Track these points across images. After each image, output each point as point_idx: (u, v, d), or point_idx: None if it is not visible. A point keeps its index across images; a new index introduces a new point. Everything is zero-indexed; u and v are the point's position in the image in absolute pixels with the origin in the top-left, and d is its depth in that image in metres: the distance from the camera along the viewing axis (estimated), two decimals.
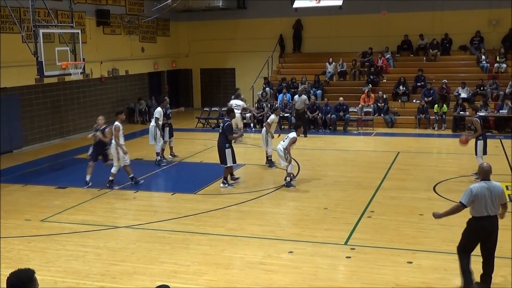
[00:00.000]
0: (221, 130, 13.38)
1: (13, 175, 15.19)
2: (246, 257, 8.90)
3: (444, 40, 24.95)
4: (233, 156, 13.18)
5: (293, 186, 13.05)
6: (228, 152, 13.07)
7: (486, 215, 7.16)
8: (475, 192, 7.13)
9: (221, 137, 13.27)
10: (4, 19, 17.86)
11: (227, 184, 13.21)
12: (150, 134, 16.03)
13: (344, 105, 21.67)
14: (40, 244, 9.73)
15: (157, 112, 16.06)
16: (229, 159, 13.09)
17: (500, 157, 16.12)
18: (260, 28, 27.07)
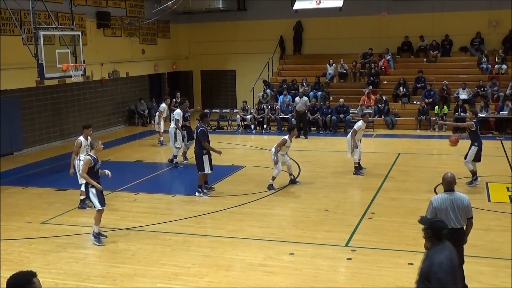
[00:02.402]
0: (195, 137, 12.93)
1: (14, 177, 15.20)
2: (247, 259, 8.90)
3: (445, 41, 24.95)
4: (210, 163, 12.60)
5: (274, 189, 12.84)
6: (206, 159, 12.51)
7: (448, 228, 6.70)
8: (435, 205, 6.91)
9: (196, 144, 12.74)
10: (5, 21, 17.87)
11: (202, 192, 12.63)
12: (170, 136, 15.87)
13: (345, 106, 21.67)
14: (41, 246, 9.73)
15: (176, 113, 15.79)
16: (207, 166, 12.53)
17: (501, 158, 16.12)
18: (260, 29, 27.08)
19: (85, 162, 9.79)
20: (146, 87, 26.25)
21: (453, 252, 5.15)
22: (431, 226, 5.21)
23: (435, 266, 4.89)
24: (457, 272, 5.07)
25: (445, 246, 5.13)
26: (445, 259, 4.93)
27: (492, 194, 12.32)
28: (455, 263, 5.04)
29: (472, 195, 11.60)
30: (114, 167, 16.35)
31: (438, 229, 5.17)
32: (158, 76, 27.53)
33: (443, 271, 4.85)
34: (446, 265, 4.89)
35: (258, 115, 22.68)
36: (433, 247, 5.13)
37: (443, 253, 5.00)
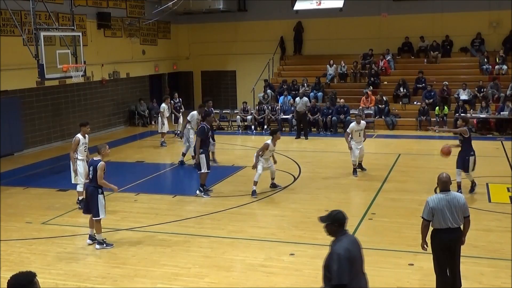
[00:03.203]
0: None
1: (14, 178, 15.20)
2: (247, 260, 8.90)
3: (445, 42, 24.96)
4: (207, 162, 12.52)
5: (255, 195, 12.40)
6: (202, 157, 12.44)
7: (445, 228, 6.88)
8: (431, 205, 6.90)
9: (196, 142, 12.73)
10: (5, 22, 17.88)
11: (203, 192, 12.60)
12: (184, 136, 15.94)
13: (345, 107, 21.67)
14: (41, 247, 9.74)
15: (192, 116, 15.59)
16: (203, 166, 12.49)
17: (501, 159, 16.12)
18: (260, 30, 27.09)
19: (101, 169, 9.57)
20: (146, 87, 26.26)
21: (353, 243, 5.25)
22: (335, 220, 5.26)
23: (333, 254, 5.04)
24: (357, 263, 5.14)
25: (346, 236, 5.24)
26: (343, 250, 5.04)
27: (492, 195, 12.31)
28: (354, 254, 5.12)
29: (472, 196, 11.65)
30: (115, 168, 16.42)
31: (342, 221, 5.25)
32: (159, 77, 27.54)
33: (338, 260, 4.97)
34: (343, 255, 4.99)
35: (258, 115, 22.68)
36: (336, 238, 5.22)
37: (343, 244, 5.11)
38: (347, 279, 4.95)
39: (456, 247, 7.04)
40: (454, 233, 6.95)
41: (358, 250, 5.25)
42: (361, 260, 5.27)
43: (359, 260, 5.23)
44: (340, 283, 4.92)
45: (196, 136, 12.68)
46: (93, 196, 9.56)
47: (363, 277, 5.27)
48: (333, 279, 4.96)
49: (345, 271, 4.95)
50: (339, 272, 4.94)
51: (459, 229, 7.00)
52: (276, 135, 12.77)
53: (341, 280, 4.92)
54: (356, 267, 5.11)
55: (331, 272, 4.99)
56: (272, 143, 12.54)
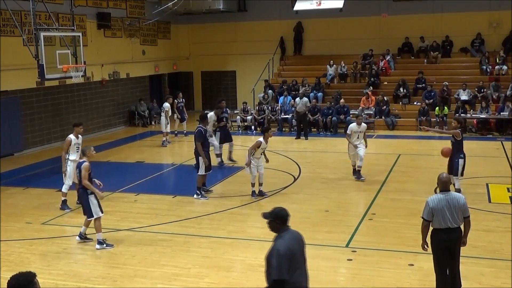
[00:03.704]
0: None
1: (14, 178, 15.20)
2: (247, 260, 8.90)
3: (445, 42, 24.96)
4: (206, 163, 12.45)
5: (255, 196, 12.34)
6: (201, 159, 12.38)
7: (445, 227, 6.89)
8: (431, 205, 6.91)
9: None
10: (5, 22, 17.89)
11: (200, 195, 12.53)
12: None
13: (345, 107, 21.67)
14: (41, 247, 9.73)
15: (210, 117, 15.22)
16: (202, 168, 12.43)
17: (501, 159, 16.13)
18: (260, 30, 27.09)
19: (85, 169, 9.47)
20: (146, 88, 26.26)
21: (295, 239, 5.34)
22: (278, 217, 5.37)
23: (273, 250, 5.15)
24: (297, 258, 5.22)
25: (288, 233, 5.35)
26: (282, 246, 5.14)
27: (492, 195, 12.31)
28: (294, 250, 5.21)
29: (472, 196, 11.63)
30: (115, 168, 16.48)
31: (284, 218, 5.37)
32: (159, 77, 27.54)
33: (277, 256, 5.07)
34: (282, 251, 5.09)
35: (258, 116, 22.68)
36: (278, 235, 5.33)
37: (283, 240, 5.22)
38: (286, 274, 5.07)
39: (456, 247, 7.04)
40: (454, 233, 6.96)
41: (299, 247, 5.36)
42: (302, 256, 5.39)
43: (300, 256, 5.32)
44: (280, 278, 5.04)
45: (195, 141, 12.63)
46: (83, 197, 9.58)
47: (304, 273, 5.38)
48: (273, 274, 5.08)
49: (284, 267, 5.07)
50: (278, 267, 5.06)
51: (459, 229, 7.01)
52: (268, 133, 12.51)
53: (280, 276, 5.04)
54: (296, 262, 5.21)
55: (271, 267, 5.11)
56: (264, 141, 12.30)
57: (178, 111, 20.63)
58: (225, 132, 16.05)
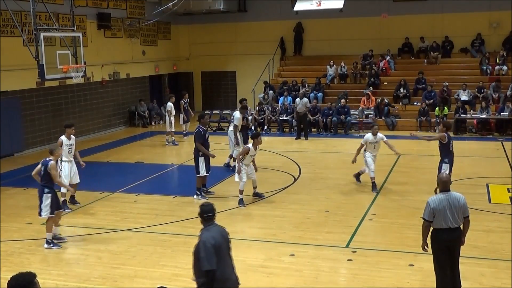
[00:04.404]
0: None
1: (14, 179, 15.19)
2: (247, 260, 8.89)
3: (445, 42, 24.96)
4: (206, 165, 12.42)
5: (244, 205, 11.88)
6: (201, 160, 12.33)
7: (446, 228, 6.90)
8: (433, 206, 6.92)
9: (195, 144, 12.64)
10: (5, 23, 17.89)
11: (200, 195, 12.48)
12: (229, 139, 15.32)
13: (346, 107, 21.66)
14: (41, 248, 9.73)
15: (236, 119, 15.15)
16: (202, 168, 12.37)
17: (501, 159, 16.13)
18: (261, 31, 27.09)
19: (53, 168, 9.76)
20: (146, 88, 26.26)
21: (220, 233, 5.68)
22: (202, 212, 5.72)
23: (200, 243, 5.45)
24: (222, 251, 5.52)
25: (214, 226, 5.71)
26: (207, 238, 5.46)
27: (492, 196, 12.31)
28: (219, 242, 5.52)
29: (472, 197, 11.62)
30: (115, 168, 16.48)
31: (208, 212, 5.70)
32: (159, 77, 27.53)
33: (204, 248, 5.37)
34: (208, 243, 5.40)
35: (258, 116, 22.68)
36: (204, 228, 5.67)
37: (209, 233, 5.56)
38: (215, 264, 5.36)
39: (456, 247, 7.05)
40: (454, 233, 6.97)
41: (224, 240, 5.67)
42: (227, 250, 5.68)
43: (225, 249, 5.63)
44: (210, 268, 5.33)
45: (195, 141, 12.61)
46: (39, 194, 9.82)
47: (230, 266, 5.66)
48: (203, 265, 5.34)
49: (212, 257, 5.37)
50: (207, 258, 5.34)
51: (459, 229, 7.02)
52: (257, 140, 12.13)
53: (210, 265, 5.33)
54: (222, 254, 5.51)
55: (199, 259, 5.38)
56: (253, 148, 12.00)
57: (184, 112, 20.61)
58: (247, 134, 15.75)
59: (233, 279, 5.68)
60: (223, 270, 5.48)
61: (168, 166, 16.61)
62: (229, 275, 5.59)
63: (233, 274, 5.69)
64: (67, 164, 11.90)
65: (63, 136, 12.02)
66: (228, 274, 5.56)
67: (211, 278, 5.36)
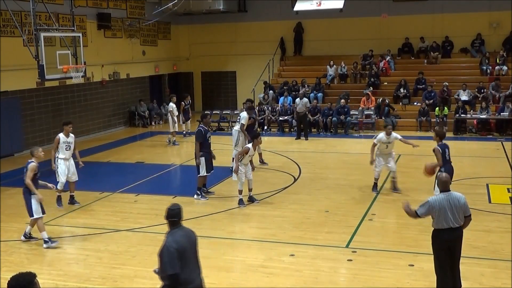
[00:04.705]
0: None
1: (14, 179, 15.12)
2: (247, 260, 8.90)
3: (445, 42, 24.97)
4: (207, 165, 12.38)
5: (244, 205, 11.83)
6: (202, 160, 12.33)
7: (447, 228, 6.91)
8: (433, 205, 6.93)
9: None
10: (5, 23, 17.89)
11: (201, 195, 12.48)
12: (233, 138, 15.29)
13: (346, 107, 21.66)
14: (41, 248, 9.73)
15: (243, 118, 15.02)
16: (202, 168, 12.36)
17: (501, 160, 16.13)
18: (261, 31, 27.09)
19: (31, 169, 9.71)
20: (146, 88, 26.26)
21: (186, 236, 5.71)
22: (168, 215, 5.81)
23: (163, 247, 5.51)
24: (187, 254, 5.56)
25: (180, 229, 5.74)
26: (171, 242, 5.52)
27: (492, 196, 12.32)
28: (184, 245, 5.56)
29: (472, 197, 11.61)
30: (115, 169, 16.49)
31: (173, 216, 5.80)
32: (159, 78, 27.54)
33: (168, 252, 5.45)
34: (172, 247, 5.46)
35: (258, 116, 22.64)
36: (169, 231, 5.72)
37: (173, 236, 5.61)
38: (178, 268, 5.42)
39: (457, 246, 7.06)
40: (455, 233, 6.99)
41: (190, 243, 5.71)
42: (193, 252, 5.73)
43: (190, 252, 5.66)
44: (173, 272, 5.41)
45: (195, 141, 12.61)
46: (25, 196, 9.79)
47: (196, 270, 5.73)
48: (166, 269, 5.43)
49: (175, 261, 5.43)
50: (170, 262, 5.42)
51: (460, 229, 7.03)
52: (257, 140, 12.15)
53: (173, 270, 5.41)
54: (186, 258, 5.55)
55: (163, 263, 5.46)
56: (253, 148, 11.94)
57: (184, 113, 20.62)
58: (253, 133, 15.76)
59: (198, 283, 5.76)
60: (188, 274, 5.56)
61: (168, 166, 16.60)
62: (194, 278, 5.66)
63: (199, 277, 5.77)
64: (63, 161, 12.03)
65: (61, 134, 12.14)
66: (193, 278, 5.64)
67: (174, 282, 5.45)
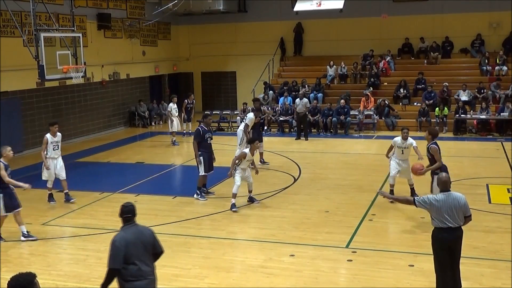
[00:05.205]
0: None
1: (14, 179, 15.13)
2: (247, 261, 8.90)
3: (445, 43, 24.97)
4: (206, 164, 12.36)
5: (236, 209, 11.55)
6: (200, 159, 12.32)
7: (447, 227, 6.91)
8: (432, 203, 6.95)
9: None
10: (5, 23, 17.89)
11: (200, 195, 12.47)
12: (238, 138, 15.19)
13: (346, 108, 21.67)
14: (41, 248, 9.74)
15: (248, 119, 15.06)
16: (201, 168, 12.36)
17: (501, 160, 16.13)
18: (261, 31, 27.10)
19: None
20: (146, 88, 26.26)
21: (138, 233, 5.87)
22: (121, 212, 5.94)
23: (112, 241, 5.73)
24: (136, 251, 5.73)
25: (132, 226, 5.90)
26: (118, 238, 5.73)
27: (492, 196, 12.32)
28: (133, 242, 5.73)
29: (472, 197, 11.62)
30: (115, 169, 16.49)
31: (126, 213, 5.92)
32: (159, 78, 27.54)
33: (113, 247, 5.67)
34: (118, 243, 5.67)
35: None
36: (122, 228, 5.90)
37: (123, 233, 5.81)
38: (119, 264, 5.62)
39: (457, 246, 7.06)
40: (455, 233, 6.99)
41: (142, 240, 5.85)
42: (146, 249, 5.86)
43: (141, 249, 5.80)
44: (112, 267, 5.64)
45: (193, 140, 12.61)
46: None
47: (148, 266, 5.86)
48: (108, 262, 5.67)
49: (117, 257, 5.63)
50: (112, 258, 5.65)
51: (460, 229, 7.03)
52: (254, 145, 11.88)
53: (114, 265, 5.63)
54: (135, 254, 5.72)
55: (109, 256, 5.69)
56: (250, 153, 11.74)
57: (186, 112, 20.61)
58: (258, 132, 15.71)
59: (148, 279, 5.86)
60: (136, 270, 5.71)
61: (168, 167, 16.60)
62: (143, 275, 5.78)
63: (150, 274, 5.90)
64: (51, 160, 12.42)
65: (48, 134, 12.45)
66: (142, 274, 5.76)
67: (111, 276, 5.68)
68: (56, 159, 12.49)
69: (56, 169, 12.44)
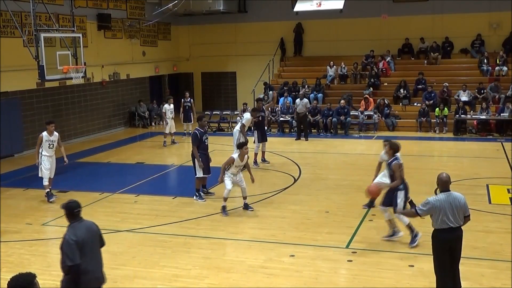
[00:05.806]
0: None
1: (14, 179, 15.20)
2: (248, 261, 8.89)
3: (445, 43, 24.97)
4: (205, 166, 12.34)
5: (226, 213, 11.35)
6: (201, 164, 12.30)
7: (447, 227, 6.92)
8: (433, 204, 6.95)
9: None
10: (5, 23, 17.90)
11: (199, 196, 12.43)
12: (234, 137, 15.23)
13: (346, 108, 21.67)
14: (41, 248, 9.75)
15: (245, 119, 15.18)
16: (199, 170, 12.32)
17: (501, 160, 16.12)
18: (261, 31, 27.10)
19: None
20: (146, 89, 26.27)
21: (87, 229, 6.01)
22: (66, 208, 6.09)
23: (64, 240, 5.83)
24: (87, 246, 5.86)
25: (80, 223, 6.04)
26: (69, 235, 5.84)
27: (492, 196, 12.31)
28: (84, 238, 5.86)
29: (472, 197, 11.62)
30: (115, 169, 16.49)
31: (71, 209, 6.06)
32: (159, 78, 27.55)
33: (67, 244, 5.77)
34: (71, 240, 5.78)
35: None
36: (70, 225, 6.01)
37: (73, 229, 5.92)
38: (78, 259, 5.74)
39: (457, 246, 7.06)
40: (455, 233, 7.00)
41: (91, 235, 6.01)
42: (94, 244, 6.05)
43: (91, 244, 5.96)
44: (73, 263, 5.73)
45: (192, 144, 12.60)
46: None
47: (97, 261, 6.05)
48: (67, 261, 5.73)
49: (74, 253, 5.75)
50: (70, 254, 5.74)
51: (460, 229, 7.04)
52: (243, 150, 11.36)
53: (73, 261, 5.73)
54: (86, 249, 5.86)
55: (64, 255, 5.77)
56: (239, 158, 11.31)
57: (184, 111, 20.59)
58: (262, 132, 15.83)
59: (97, 275, 6.04)
60: (87, 264, 5.84)
61: (168, 167, 16.61)
62: (93, 269, 5.94)
63: (99, 268, 6.07)
64: (47, 158, 12.75)
65: (45, 132, 12.78)
66: (92, 268, 5.91)
67: (75, 273, 5.76)
68: (52, 157, 12.84)
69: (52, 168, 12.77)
